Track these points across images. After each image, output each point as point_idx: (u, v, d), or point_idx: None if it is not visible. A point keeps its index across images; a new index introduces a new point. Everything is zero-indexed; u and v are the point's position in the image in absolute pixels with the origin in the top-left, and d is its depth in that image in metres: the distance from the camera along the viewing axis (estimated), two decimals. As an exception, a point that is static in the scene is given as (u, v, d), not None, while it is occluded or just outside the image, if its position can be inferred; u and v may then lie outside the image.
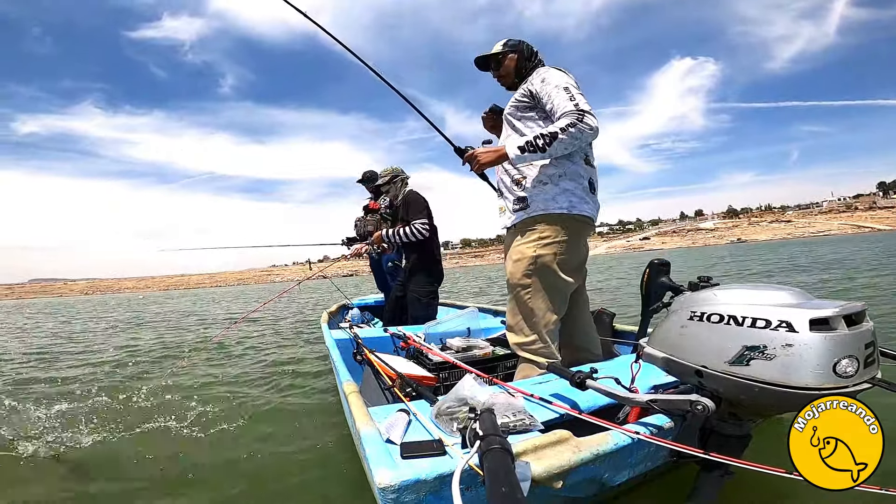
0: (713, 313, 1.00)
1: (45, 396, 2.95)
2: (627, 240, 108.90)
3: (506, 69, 1.87)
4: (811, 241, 39.18)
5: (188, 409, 2.55)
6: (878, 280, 6.17)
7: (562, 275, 1.68)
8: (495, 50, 1.87)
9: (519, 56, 1.84)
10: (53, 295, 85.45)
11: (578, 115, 1.52)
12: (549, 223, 1.67)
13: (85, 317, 11.95)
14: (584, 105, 1.54)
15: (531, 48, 1.85)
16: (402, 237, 2.99)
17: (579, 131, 1.51)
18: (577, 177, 1.68)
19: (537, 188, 1.69)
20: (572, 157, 1.68)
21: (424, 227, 2.97)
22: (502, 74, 1.89)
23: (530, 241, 1.69)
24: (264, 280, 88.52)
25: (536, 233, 1.69)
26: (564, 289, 1.72)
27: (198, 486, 1.67)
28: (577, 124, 1.51)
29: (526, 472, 0.81)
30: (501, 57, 1.86)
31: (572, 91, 1.59)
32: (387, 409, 1.20)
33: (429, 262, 3.12)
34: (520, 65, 1.84)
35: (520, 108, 1.75)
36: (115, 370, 3.92)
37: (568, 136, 1.52)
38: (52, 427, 2.27)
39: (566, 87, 1.60)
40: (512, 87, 1.88)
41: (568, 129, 1.51)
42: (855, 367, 0.87)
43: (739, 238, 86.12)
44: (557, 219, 1.67)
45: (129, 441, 2.12)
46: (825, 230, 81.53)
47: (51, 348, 5.65)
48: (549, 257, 1.67)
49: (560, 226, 1.67)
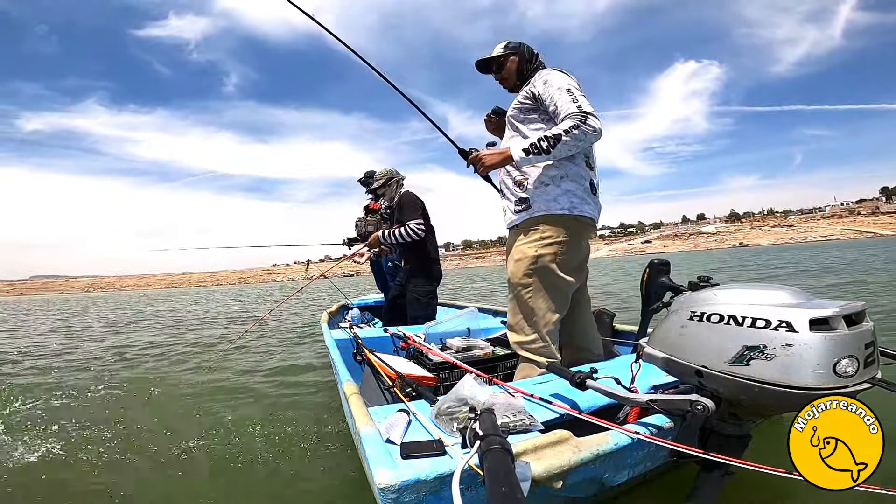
0: (713, 313, 1.00)
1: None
2: (629, 243, 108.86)
3: (507, 71, 1.87)
4: (813, 247, 39.18)
5: (188, 409, 2.56)
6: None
7: (562, 274, 1.69)
8: (496, 52, 1.87)
9: (520, 58, 1.84)
10: (54, 292, 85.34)
11: (582, 117, 1.52)
12: (551, 223, 1.68)
13: (109, 313, 11.95)
14: (586, 107, 1.55)
15: (531, 50, 1.86)
16: (398, 238, 2.99)
17: (583, 133, 1.52)
18: (578, 178, 1.69)
19: (539, 189, 1.70)
20: (574, 158, 1.69)
21: (420, 228, 2.98)
22: (504, 77, 1.89)
23: (531, 241, 1.70)
24: (266, 279, 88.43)
25: (538, 233, 1.70)
26: (565, 288, 1.72)
27: (197, 486, 1.67)
28: (580, 126, 1.51)
29: (526, 472, 0.81)
30: (503, 59, 1.87)
31: (575, 93, 1.59)
32: (387, 409, 1.20)
33: (427, 263, 3.13)
34: (521, 67, 1.85)
35: (522, 110, 1.76)
36: (115, 369, 3.92)
37: (572, 137, 1.52)
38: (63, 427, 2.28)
39: (569, 88, 1.61)
40: (514, 90, 1.88)
41: (572, 130, 1.52)
42: (855, 367, 0.87)
43: (741, 242, 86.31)
44: (559, 219, 1.67)
45: (127, 441, 2.12)
46: (827, 235, 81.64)
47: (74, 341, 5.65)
48: (549, 257, 1.67)
49: (561, 226, 1.68)
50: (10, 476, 1.80)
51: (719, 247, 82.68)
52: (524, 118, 1.76)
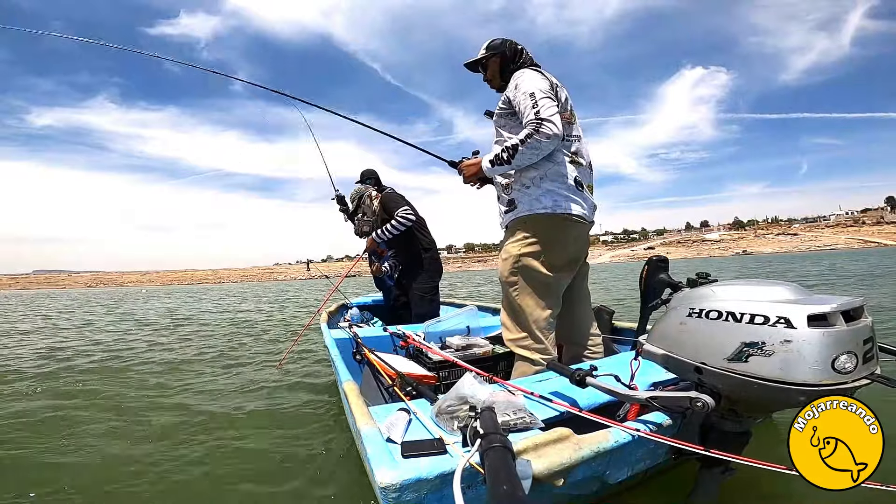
0: (712, 310, 1.00)
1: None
2: (632, 249, 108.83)
3: (491, 72, 1.88)
4: (817, 255, 39.12)
5: (187, 409, 2.55)
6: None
7: (546, 271, 1.70)
8: (479, 54, 1.88)
9: (502, 58, 1.84)
10: (57, 287, 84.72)
11: (536, 125, 1.53)
12: (534, 223, 1.70)
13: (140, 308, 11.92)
14: (545, 112, 1.53)
15: (515, 48, 1.83)
16: (391, 231, 2.98)
17: (536, 142, 1.53)
18: (559, 176, 1.69)
19: (522, 191, 1.73)
20: (553, 157, 1.68)
21: (408, 214, 2.97)
22: (489, 78, 1.91)
23: (516, 240, 1.74)
24: (268, 278, 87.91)
25: (521, 232, 1.73)
26: (553, 285, 1.73)
27: (197, 486, 1.67)
28: (533, 135, 1.53)
29: (527, 470, 0.81)
30: (485, 61, 1.87)
31: (537, 97, 1.57)
32: (387, 408, 1.20)
33: (422, 258, 3.11)
34: (504, 67, 1.84)
35: (502, 114, 1.77)
36: (116, 364, 3.91)
37: (527, 147, 1.54)
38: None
39: (532, 92, 1.59)
40: (501, 90, 1.88)
41: (526, 140, 1.54)
42: (854, 363, 0.87)
43: (745, 250, 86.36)
44: (542, 218, 1.69)
45: (125, 441, 2.12)
46: (831, 244, 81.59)
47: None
48: (533, 255, 1.70)
49: (544, 225, 1.69)
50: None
51: (722, 254, 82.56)
52: (504, 123, 1.77)
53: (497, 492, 0.64)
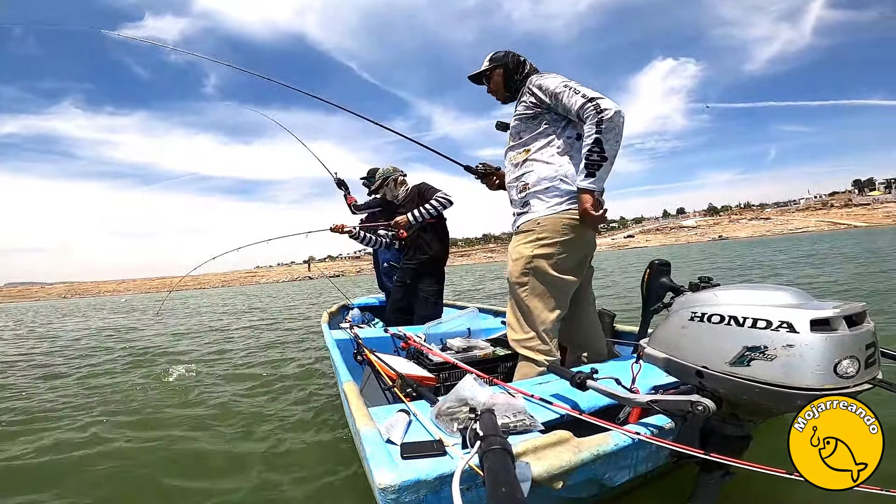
0: (714, 314, 1.00)
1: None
2: (612, 238, 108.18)
3: (495, 84, 1.91)
4: (791, 238, 39.03)
5: (186, 409, 2.56)
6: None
7: (558, 274, 1.70)
8: (483, 67, 1.92)
9: (505, 70, 1.86)
10: (31, 299, 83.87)
11: (594, 108, 1.54)
12: (548, 224, 1.70)
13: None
14: (590, 93, 1.57)
15: (517, 59, 1.86)
16: (430, 212, 2.92)
17: (609, 120, 1.53)
18: (573, 177, 1.69)
19: (538, 192, 1.73)
20: (571, 158, 1.70)
21: (446, 196, 2.96)
22: (493, 90, 1.94)
23: (528, 241, 1.73)
24: (249, 281, 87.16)
25: (535, 234, 1.72)
26: (563, 287, 1.73)
27: (197, 485, 1.68)
28: (599, 115, 1.53)
29: (526, 472, 0.81)
30: (489, 73, 1.91)
31: (571, 85, 1.62)
32: (387, 409, 1.20)
33: (437, 261, 3.08)
34: (507, 79, 1.87)
35: (524, 119, 1.78)
36: (114, 369, 3.92)
37: (605, 129, 1.53)
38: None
39: (566, 83, 1.64)
40: (506, 101, 1.91)
41: (599, 126, 1.53)
42: (856, 368, 0.87)
43: (721, 235, 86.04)
44: (556, 219, 1.69)
45: (124, 440, 2.12)
46: (803, 227, 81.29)
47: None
48: (545, 257, 1.69)
49: (558, 226, 1.69)
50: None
51: (699, 240, 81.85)
52: (524, 127, 1.78)
53: (496, 494, 0.64)
